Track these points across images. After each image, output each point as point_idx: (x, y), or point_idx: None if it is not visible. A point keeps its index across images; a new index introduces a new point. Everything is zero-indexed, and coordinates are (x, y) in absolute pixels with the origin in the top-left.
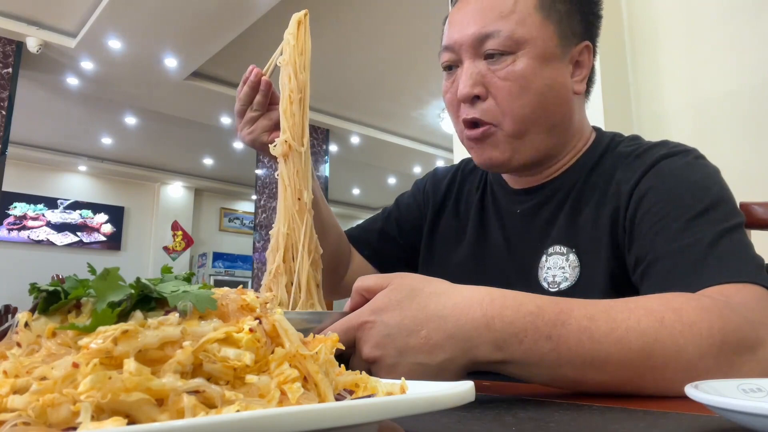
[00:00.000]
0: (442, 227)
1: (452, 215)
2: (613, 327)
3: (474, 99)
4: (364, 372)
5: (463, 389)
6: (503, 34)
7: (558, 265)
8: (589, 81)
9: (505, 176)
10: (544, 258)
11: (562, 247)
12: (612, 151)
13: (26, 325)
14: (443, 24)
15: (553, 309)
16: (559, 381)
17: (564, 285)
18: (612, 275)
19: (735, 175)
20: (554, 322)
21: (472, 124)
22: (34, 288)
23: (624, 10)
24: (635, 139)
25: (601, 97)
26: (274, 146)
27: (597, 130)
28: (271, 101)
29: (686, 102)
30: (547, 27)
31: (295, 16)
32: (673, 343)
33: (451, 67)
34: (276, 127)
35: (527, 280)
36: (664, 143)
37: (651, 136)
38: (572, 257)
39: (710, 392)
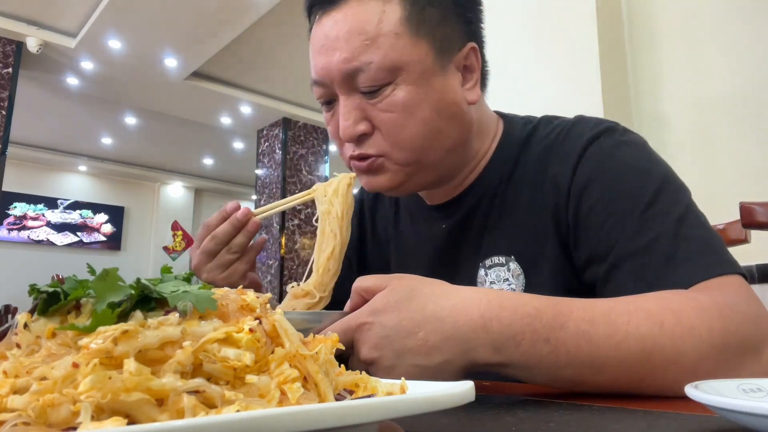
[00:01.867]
0: (369, 262)
1: (374, 247)
2: (612, 331)
3: (360, 136)
4: (363, 372)
5: (463, 389)
6: (373, 67)
7: (501, 278)
8: (484, 77)
9: (420, 192)
10: (482, 272)
11: (500, 257)
12: (530, 141)
13: (25, 326)
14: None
15: (552, 311)
16: (558, 382)
17: None
18: (560, 275)
19: (735, 175)
20: (552, 324)
21: (360, 156)
22: (33, 289)
23: (624, 10)
24: (549, 122)
25: (601, 97)
26: (293, 286)
27: (502, 116)
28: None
29: (686, 102)
30: (420, 44)
31: (345, 178)
32: (673, 347)
33: (329, 101)
34: (251, 268)
35: None
36: (580, 120)
37: (651, 136)
38: (513, 265)
39: (710, 392)
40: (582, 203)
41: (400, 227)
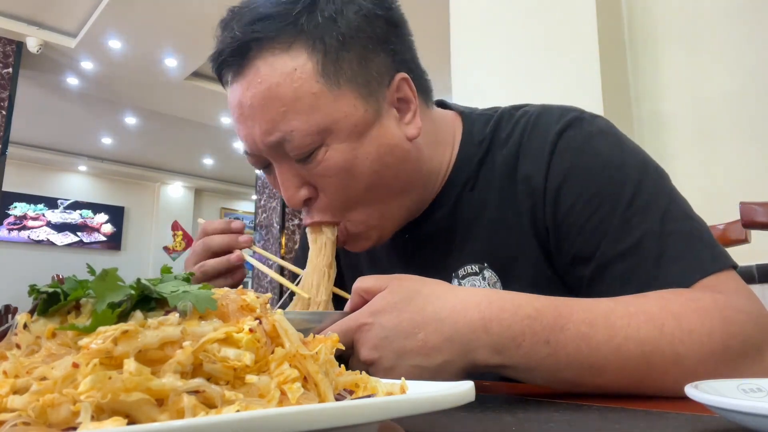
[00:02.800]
0: (342, 269)
1: (347, 263)
2: (612, 335)
3: (306, 201)
4: (363, 372)
5: (463, 389)
6: (297, 134)
7: (477, 287)
8: (426, 91)
9: None
10: (456, 282)
11: (473, 266)
12: (493, 140)
13: (25, 326)
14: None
15: (552, 313)
16: (558, 383)
17: None
18: (540, 278)
19: (735, 175)
20: (552, 326)
21: (315, 224)
22: (33, 290)
23: (624, 10)
24: (511, 116)
25: (601, 97)
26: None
27: (461, 113)
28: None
29: (686, 102)
30: (343, 97)
31: None
32: (672, 351)
33: (267, 165)
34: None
35: None
36: (544, 111)
37: (651, 136)
38: (488, 273)
39: (710, 392)
40: (560, 204)
41: None
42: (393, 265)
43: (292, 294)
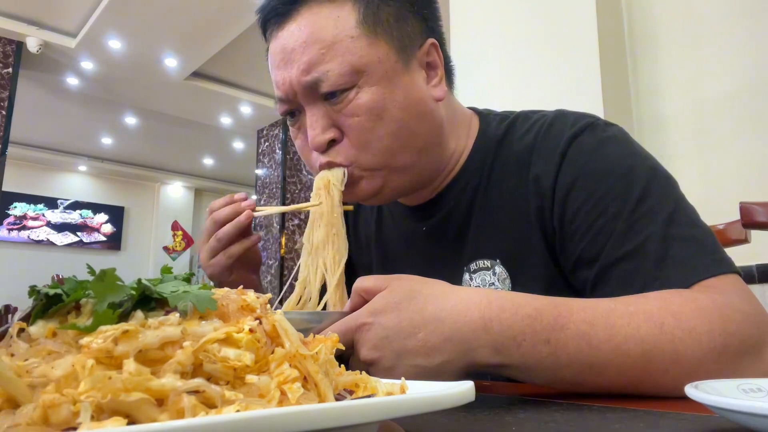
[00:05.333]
0: (354, 263)
1: (356, 248)
2: (612, 334)
3: (329, 143)
4: (363, 372)
5: (463, 389)
6: (332, 74)
7: (487, 282)
8: (449, 74)
9: None
10: (467, 276)
11: (485, 261)
12: (508, 138)
13: (22, 331)
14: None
15: (552, 312)
16: (558, 383)
17: None
18: (547, 277)
19: (735, 175)
20: (552, 325)
21: (328, 165)
22: (33, 291)
23: (624, 10)
24: (528, 118)
25: (601, 97)
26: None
27: (478, 113)
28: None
29: (686, 102)
30: (378, 45)
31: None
32: (673, 350)
33: (293, 113)
34: (245, 268)
35: None
36: (560, 115)
37: (651, 136)
38: (498, 269)
39: (710, 392)
40: (567, 207)
41: (382, 229)
42: (406, 255)
43: (291, 289)
